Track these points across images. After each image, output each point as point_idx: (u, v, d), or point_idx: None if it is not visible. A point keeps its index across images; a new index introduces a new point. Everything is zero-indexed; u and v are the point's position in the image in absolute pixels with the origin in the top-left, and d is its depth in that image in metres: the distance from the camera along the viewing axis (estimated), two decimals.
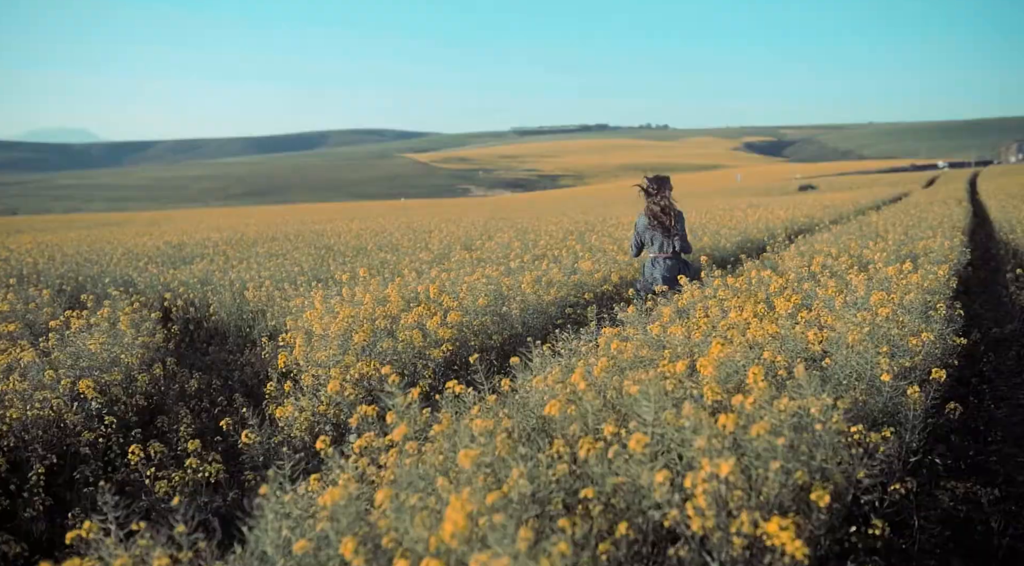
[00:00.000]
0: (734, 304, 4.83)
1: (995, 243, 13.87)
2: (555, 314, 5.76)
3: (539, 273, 6.54)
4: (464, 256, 9.03)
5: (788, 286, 5.72)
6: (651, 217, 5.86)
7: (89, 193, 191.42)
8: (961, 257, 6.93)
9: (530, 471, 2.20)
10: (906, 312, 4.37)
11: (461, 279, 6.27)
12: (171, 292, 8.57)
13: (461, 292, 5.71)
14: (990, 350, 6.34)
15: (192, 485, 3.20)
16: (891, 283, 5.22)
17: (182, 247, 14.41)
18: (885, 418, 2.96)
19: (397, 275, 7.19)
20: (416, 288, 5.88)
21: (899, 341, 3.73)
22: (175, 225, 30.23)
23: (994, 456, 4.29)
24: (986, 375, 5.67)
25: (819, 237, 10.00)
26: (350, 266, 9.14)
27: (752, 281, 5.70)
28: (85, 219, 53.70)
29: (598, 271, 6.79)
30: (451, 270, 7.57)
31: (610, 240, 9.90)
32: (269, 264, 9.58)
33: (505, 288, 5.96)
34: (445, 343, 4.56)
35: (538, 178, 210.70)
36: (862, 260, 6.97)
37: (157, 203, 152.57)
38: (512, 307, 5.36)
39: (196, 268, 10.12)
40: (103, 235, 23.88)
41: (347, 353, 4.30)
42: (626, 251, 8.24)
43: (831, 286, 5.15)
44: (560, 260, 7.76)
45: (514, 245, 9.64)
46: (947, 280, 5.35)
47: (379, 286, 6.39)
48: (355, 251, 11.84)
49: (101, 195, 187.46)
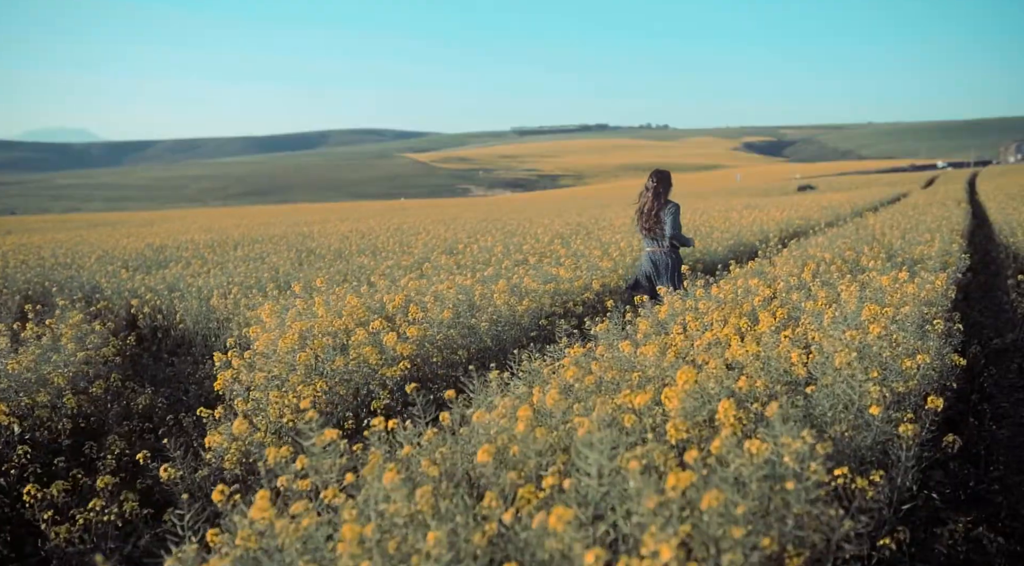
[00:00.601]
0: (717, 317, 4.48)
1: (995, 246, 13.52)
2: (529, 326, 5.41)
3: (516, 280, 6.18)
4: (444, 261, 8.68)
5: (777, 296, 5.38)
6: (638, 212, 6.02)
7: (88, 193, 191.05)
8: (960, 264, 6.58)
9: (450, 535, 1.85)
10: (900, 328, 4.03)
11: (433, 287, 5.92)
12: (138, 298, 8.22)
13: (429, 302, 5.36)
14: (991, 363, 6.00)
15: (100, 527, 2.85)
16: (885, 294, 4.87)
17: (163, 249, 14.05)
18: (874, 456, 2.61)
19: (366, 283, 6.85)
20: (382, 298, 5.53)
21: (892, 362, 3.39)
22: (166, 226, 29.88)
23: (996, 485, 3.95)
24: (986, 390, 5.33)
25: (813, 241, 9.66)
26: (326, 271, 8.79)
27: (738, 291, 5.36)
28: (80, 219, 53.27)
29: (578, 279, 6.44)
30: (426, 276, 7.23)
31: (598, 245, 9.54)
32: (241, 269, 9.23)
33: (478, 297, 5.62)
34: (403, 361, 4.21)
35: (538, 178, 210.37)
36: (857, 266, 6.63)
37: (156, 203, 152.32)
38: (481, 319, 5.01)
39: (169, 273, 9.77)
40: (90, 236, 23.51)
41: (293, 373, 3.95)
42: (613, 257, 7.94)
43: (822, 297, 4.80)
44: (541, 267, 7.41)
45: (496, 250, 9.29)
46: (945, 290, 5.01)
47: (348, 294, 6.04)
48: (336, 254, 11.49)
49: (100, 195, 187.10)
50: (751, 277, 6.06)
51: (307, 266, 9.50)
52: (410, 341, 4.49)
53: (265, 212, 47.66)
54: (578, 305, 6.22)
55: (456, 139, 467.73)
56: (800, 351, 3.31)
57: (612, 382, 3.27)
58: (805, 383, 3.24)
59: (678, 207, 6.03)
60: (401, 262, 8.64)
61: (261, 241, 14.31)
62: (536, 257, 8.43)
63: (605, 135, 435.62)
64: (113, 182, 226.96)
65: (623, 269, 7.38)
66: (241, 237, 15.76)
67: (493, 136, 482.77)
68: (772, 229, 12.10)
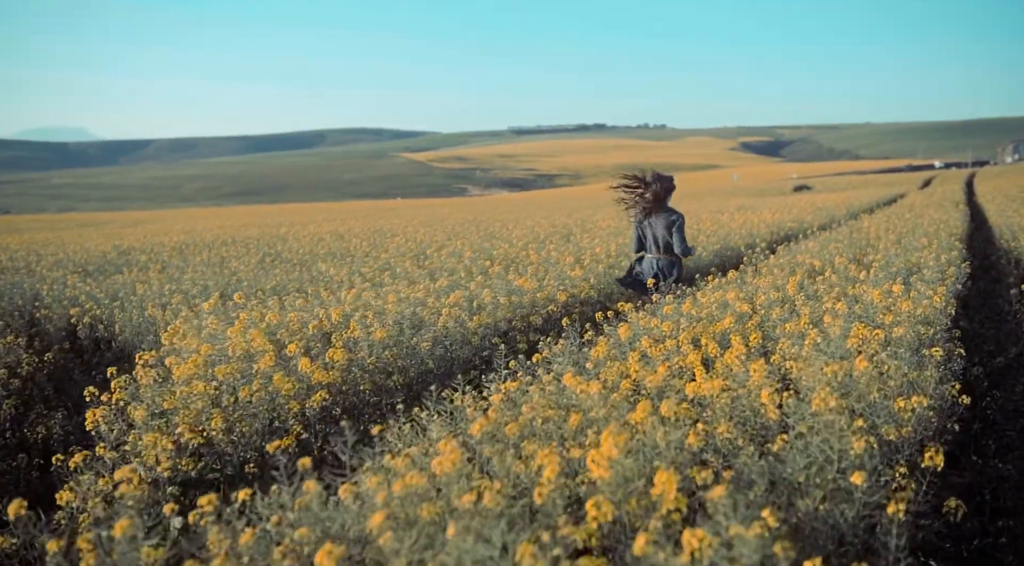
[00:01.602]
0: (684, 339, 3.92)
1: (994, 249, 12.99)
2: (481, 345, 4.85)
3: (474, 291, 5.62)
4: (408, 267, 8.11)
5: (757, 311, 4.82)
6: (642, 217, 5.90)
7: (85, 192, 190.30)
8: (959, 274, 6.03)
9: None
10: (893, 354, 3.48)
11: (379, 300, 5.35)
12: (79, 307, 7.65)
13: (369, 318, 4.80)
14: (994, 384, 5.46)
15: None
16: (877, 311, 4.32)
17: (128, 252, 13.48)
18: (857, 537, 2.06)
19: (310, 294, 6.27)
20: (319, 313, 4.96)
21: (883, 401, 2.84)
22: (149, 227, 29.29)
23: (1004, 537, 3.40)
24: (989, 417, 4.78)
25: (804, 246, 9.11)
26: (284, 277, 8.22)
27: (713, 306, 4.80)
28: (69, 219, 52.71)
29: (542, 290, 5.88)
30: (381, 285, 6.66)
31: (574, 250, 8.96)
32: (189, 275, 8.66)
33: (427, 313, 5.06)
34: (320, 390, 3.65)
35: (535, 178, 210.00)
36: (847, 277, 6.07)
37: (152, 202, 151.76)
38: (424, 339, 4.45)
39: (119, 279, 9.20)
40: (68, 237, 22.94)
41: (186, 409, 3.39)
42: (585, 265, 7.39)
43: (805, 316, 4.25)
44: (506, 275, 6.84)
45: (466, 255, 8.72)
46: (944, 307, 4.46)
47: (288, 308, 5.48)
48: (302, 259, 10.93)
49: (96, 194, 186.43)
50: (730, 289, 5.51)
51: (266, 272, 8.92)
52: (336, 366, 3.93)
53: (251, 212, 47.09)
54: (539, 318, 5.66)
55: (454, 139, 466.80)
56: (772, 390, 2.76)
57: (544, 431, 2.71)
58: (778, 431, 2.69)
59: (684, 220, 5.91)
60: (362, 269, 8.08)
61: (231, 244, 13.74)
62: (504, 264, 7.86)
63: (603, 135, 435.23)
64: (110, 182, 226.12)
65: (595, 277, 6.82)
66: (213, 239, 15.19)
67: (491, 136, 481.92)
68: (762, 233, 11.55)
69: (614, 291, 6.79)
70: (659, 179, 5.94)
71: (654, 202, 5.83)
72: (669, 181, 5.99)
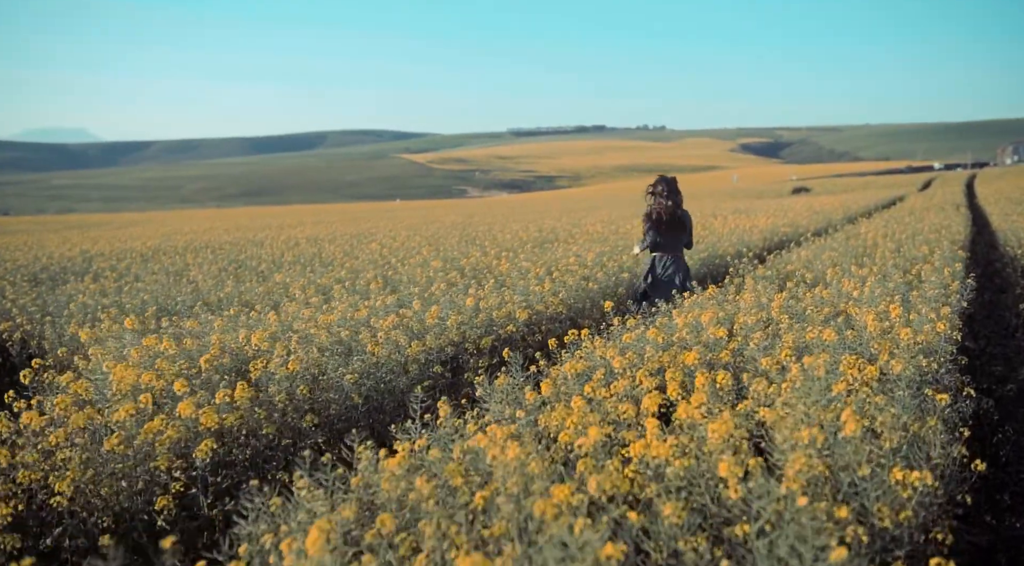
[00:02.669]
0: (644, 375, 3.32)
1: (998, 256, 12.40)
2: (419, 374, 4.25)
3: (417, 310, 5.02)
4: (372, 278, 7.50)
5: (735, 335, 4.23)
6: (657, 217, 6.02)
7: (85, 193, 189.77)
8: (965, 290, 5.44)
9: None
10: (889, 400, 2.89)
11: (307, 323, 4.76)
12: (10, 322, 7.06)
13: (293, 343, 4.22)
14: (1006, 415, 4.86)
15: None
16: (872, 340, 3.73)
17: (93, 258, 12.89)
18: None
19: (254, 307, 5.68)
20: (241, 336, 4.37)
21: (877, 471, 2.25)
22: (134, 230, 28.70)
23: None
24: (1002, 459, 4.19)
25: (796, 255, 8.52)
26: (242, 287, 7.64)
27: (686, 329, 4.20)
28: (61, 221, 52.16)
29: (500, 308, 5.27)
30: (332, 299, 6.07)
31: (549, 259, 8.34)
32: (128, 288, 8.06)
33: (366, 335, 4.47)
34: (207, 439, 3.05)
35: (535, 179, 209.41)
36: (840, 291, 5.48)
37: (152, 204, 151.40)
38: (349, 371, 3.86)
39: (69, 288, 8.61)
40: (48, 240, 22.34)
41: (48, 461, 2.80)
42: (544, 279, 6.80)
43: (788, 345, 3.66)
44: (466, 288, 6.24)
45: (433, 265, 8.11)
46: (949, 334, 3.86)
47: (212, 330, 4.88)
48: (271, 265, 10.34)
49: (97, 195, 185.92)
50: (708, 307, 4.91)
51: (221, 283, 8.32)
52: (239, 407, 3.34)
53: (241, 214, 46.51)
54: (502, 339, 5.06)
55: (454, 140, 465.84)
56: (735, 458, 2.16)
57: (441, 513, 2.12)
58: (742, 511, 2.09)
59: (690, 217, 6.21)
60: (320, 280, 7.48)
61: (202, 250, 13.14)
62: (472, 275, 7.26)
63: (602, 136, 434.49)
64: (110, 183, 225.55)
65: (566, 292, 6.23)
66: (186, 245, 14.59)
67: (490, 137, 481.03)
68: (754, 240, 10.95)
69: (586, 306, 6.20)
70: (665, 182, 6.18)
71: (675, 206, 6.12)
72: (674, 182, 6.24)
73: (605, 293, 6.59)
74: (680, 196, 6.16)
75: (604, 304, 4.46)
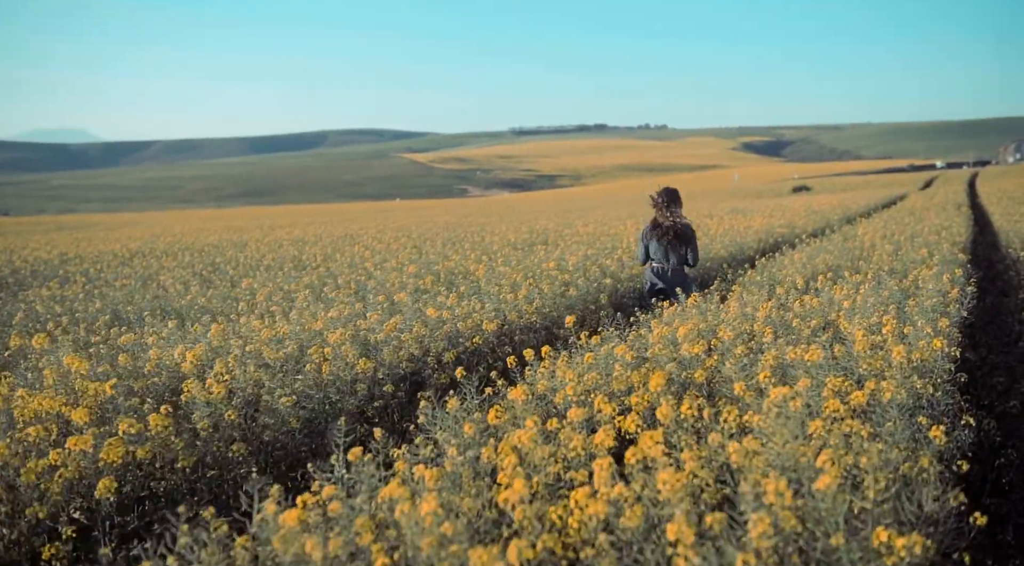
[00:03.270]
0: (603, 398, 2.96)
1: (1000, 257, 12.03)
2: (367, 395, 3.90)
3: (371, 322, 4.65)
4: (340, 285, 7.15)
5: (714, 351, 3.88)
6: (657, 229, 5.98)
7: (85, 194, 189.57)
8: (965, 299, 5.08)
9: None
10: (878, 433, 2.54)
11: (248, 341, 4.40)
12: None
13: (231, 361, 3.87)
14: (1009, 435, 4.50)
15: None
16: (862, 359, 3.37)
17: (69, 261, 12.56)
18: None
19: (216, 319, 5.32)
20: (175, 353, 4.02)
21: (860, 527, 1.90)
22: (124, 231, 28.38)
23: None
24: (1005, 487, 3.82)
25: (789, 258, 8.16)
26: (208, 294, 7.29)
27: (659, 345, 3.84)
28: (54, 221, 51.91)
29: (467, 319, 4.91)
30: (295, 310, 5.71)
31: (530, 265, 7.97)
32: (82, 295, 7.71)
33: (315, 352, 4.12)
34: (105, 477, 2.70)
35: (535, 178, 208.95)
36: (831, 299, 5.13)
37: (151, 204, 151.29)
38: (285, 393, 3.50)
39: (30, 294, 8.27)
40: (33, 242, 22.01)
41: None
42: (522, 285, 6.45)
43: (768, 367, 3.30)
44: (435, 297, 5.88)
45: (409, 270, 7.74)
46: (948, 351, 3.50)
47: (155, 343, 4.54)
48: (247, 269, 9.99)
49: (97, 196, 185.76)
50: (688, 319, 4.56)
51: (188, 288, 7.97)
52: (152, 437, 2.99)
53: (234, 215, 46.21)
54: (466, 353, 4.70)
55: (455, 139, 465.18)
56: (685, 519, 1.81)
57: None
58: None
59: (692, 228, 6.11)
60: (290, 286, 7.13)
61: (181, 252, 12.80)
62: (445, 282, 6.89)
63: (603, 135, 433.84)
64: (110, 183, 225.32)
65: (541, 299, 5.87)
66: (167, 247, 14.26)
67: (491, 136, 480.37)
68: (747, 241, 10.59)
69: (562, 314, 5.85)
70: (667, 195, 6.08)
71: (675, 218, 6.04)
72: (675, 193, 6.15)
73: (586, 301, 6.24)
74: (676, 206, 6.03)
75: (566, 319, 4.07)
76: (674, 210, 6.06)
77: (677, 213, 6.05)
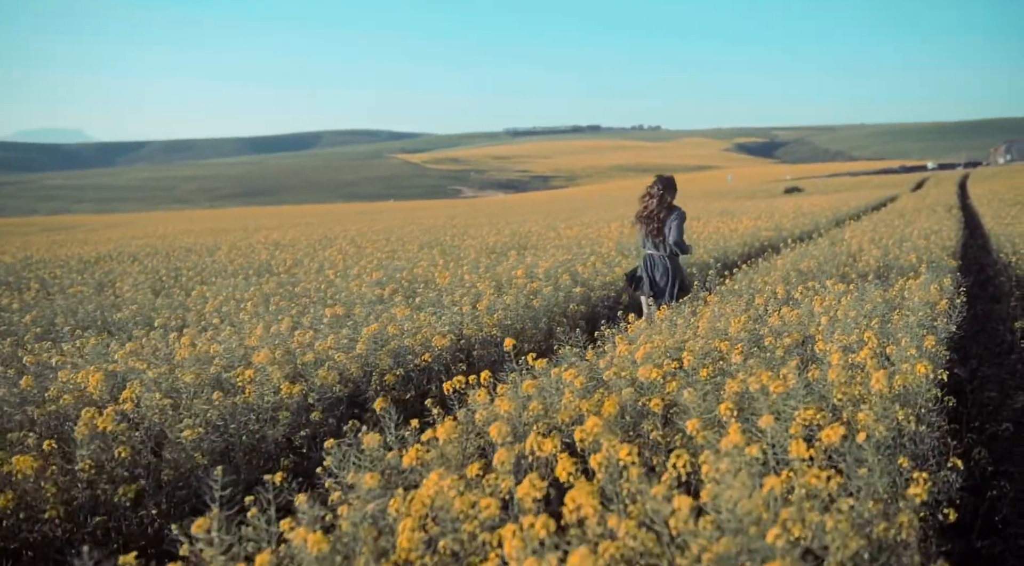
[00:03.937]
0: (535, 440, 2.59)
1: (991, 261, 11.71)
2: (290, 424, 3.50)
3: (305, 340, 4.26)
4: (299, 293, 6.75)
5: (677, 375, 3.50)
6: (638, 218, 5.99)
7: (79, 194, 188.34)
8: (955, 311, 4.72)
9: None
10: (847, 483, 2.17)
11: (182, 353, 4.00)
12: None
13: (136, 387, 3.47)
14: (1001, 460, 4.14)
15: None
16: (837, 386, 3.00)
17: (32, 266, 12.12)
18: None
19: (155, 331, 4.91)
20: (81, 377, 3.62)
21: None
22: (111, 232, 27.92)
23: None
24: (997, 523, 3.46)
25: (772, 263, 7.81)
26: (161, 304, 6.89)
27: (615, 367, 3.46)
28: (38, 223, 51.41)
29: (415, 333, 4.53)
30: (232, 327, 5.31)
31: (498, 274, 7.58)
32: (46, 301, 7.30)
33: (240, 375, 3.72)
34: None
35: (530, 179, 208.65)
36: (811, 312, 4.76)
37: (146, 204, 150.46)
38: (189, 426, 3.11)
39: None
40: (5, 245, 21.55)
41: None
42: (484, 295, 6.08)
43: (730, 397, 2.93)
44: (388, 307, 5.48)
45: (372, 276, 7.34)
46: (933, 376, 3.13)
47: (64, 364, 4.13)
48: (212, 275, 9.59)
49: (91, 196, 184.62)
50: (654, 334, 4.18)
51: (139, 297, 7.56)
52: (16, 482, 2.60)
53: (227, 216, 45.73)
54: (416, 370, 4.31)
55: (449, 140, 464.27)
56: None
57: None
58: None
59: (684, 215, 5.97)
60: (236, 295, 6.73)
61: (148, 257, 12.37)
62: (404, 292, 6.49)
63: (598, 136, 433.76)
64: (104, 183, 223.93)
65: (503, 311, 5.49)
66: (138, 250, 13.83)
67: (486, 137, 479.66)
68: (733, 245, 10.23)
69: (527, 326, 5.47)
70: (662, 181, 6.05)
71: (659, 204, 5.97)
72: (672, 181, 6.09)
73: (551, 312, 5.85)
74: (668, 194, 5.94)
75: (504, 342, 3.68)
76: (662, 196, 5.95)
77: (665, 200, 5.95)
